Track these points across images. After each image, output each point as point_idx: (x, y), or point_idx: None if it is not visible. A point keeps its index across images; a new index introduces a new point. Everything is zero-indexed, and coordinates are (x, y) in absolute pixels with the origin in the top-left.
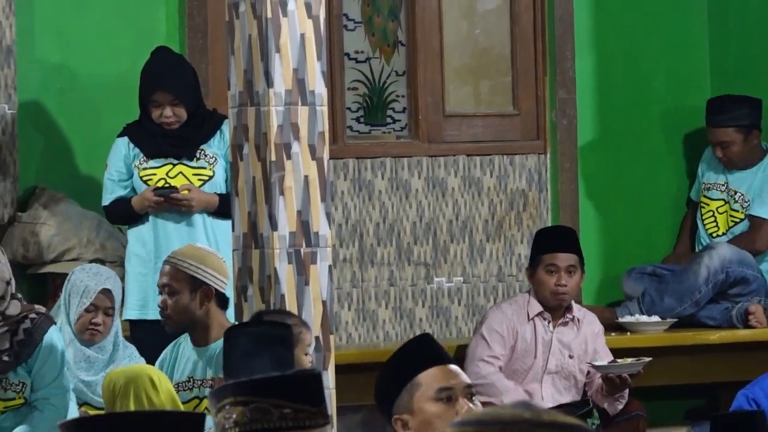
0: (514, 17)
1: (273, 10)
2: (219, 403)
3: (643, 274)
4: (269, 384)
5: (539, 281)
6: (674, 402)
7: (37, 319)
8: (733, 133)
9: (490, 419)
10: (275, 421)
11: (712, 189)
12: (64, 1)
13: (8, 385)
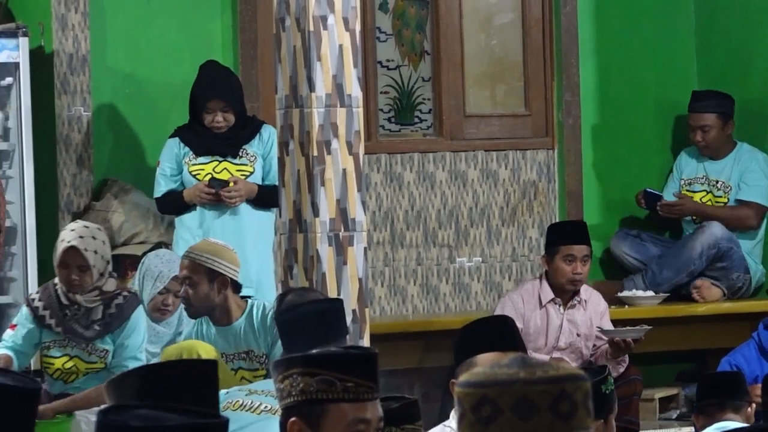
0: (526, 30)
1: (315, 24)
2: (286, 371)
3: (628, 234)
4: (336, 359)
5: (557, 269)
6: (666, 366)
7: (129, 297)
8: (713, 119)
9: (490, 381)
10: (338, 392)
11: (693, 183)
12: (132, 16)
13: (93, 351)
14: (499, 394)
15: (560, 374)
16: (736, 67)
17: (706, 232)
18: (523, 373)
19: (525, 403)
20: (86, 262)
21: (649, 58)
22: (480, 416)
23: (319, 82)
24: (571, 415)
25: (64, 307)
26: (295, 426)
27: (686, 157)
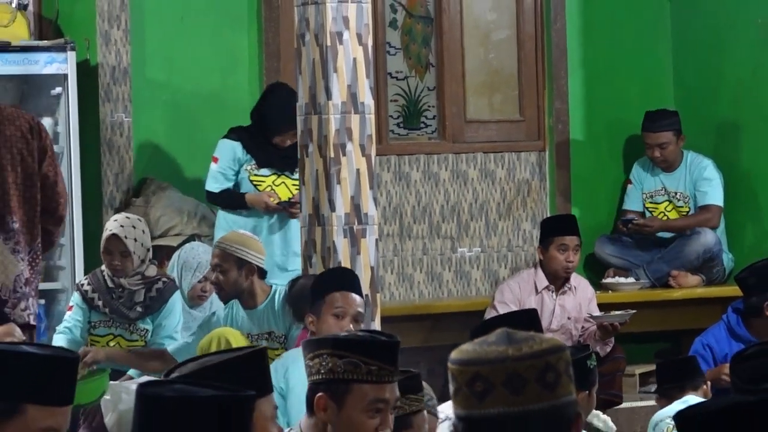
0: (520, 44)
1: (331, 40)
2: (317, 350)
3: (608, 238)
4: (363, 344)
5: (552, 258)
6: (646, 345)
7: (167, 282)
8: (670, 136)
9: (482, 359)
10: (362, 374)
11: (655, 196)
12: (168, 32)
13: (135, 330)
14: (490, 372)
15: (544, 348)
16: (708, 82)
17: (701, 239)
18: (511, 350)
19: (515, 378)
20: (127, 249)
21: (630, 72)
22: (475, 391)
23: (335, 92)
24: (557, 383)
25: (111, 290)
26: (322, 400)
27: (641, 171)
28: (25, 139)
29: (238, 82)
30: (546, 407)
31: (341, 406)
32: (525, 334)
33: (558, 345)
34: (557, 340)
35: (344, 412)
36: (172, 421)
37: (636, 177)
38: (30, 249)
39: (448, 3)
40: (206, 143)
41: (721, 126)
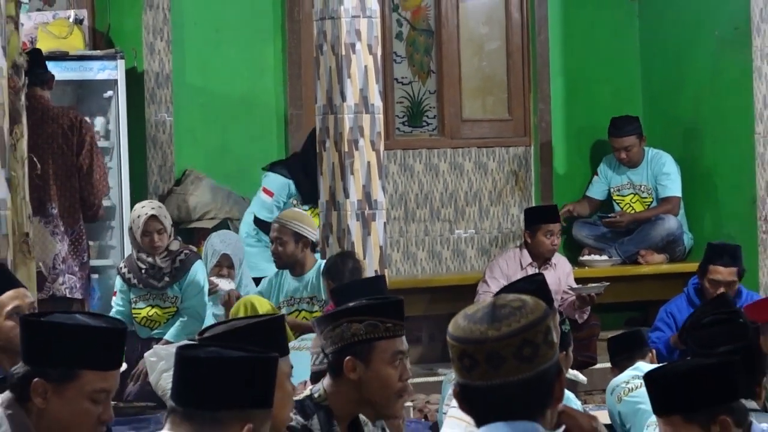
0: (509, 54)
1: (346, 50)
2: (336, 321)
3: (585, 222)
4: (378, 307)
5: (540, 242)
6: (618, 314)
7: (189, 253)
8: (634, 139)
9: (467, 338)
10: (382, 332)
11: (621, 189)
12: (205, 43)
13: (167, 298)
14: (474, 350)
15: (522, 325)
16: (672, 87)
17: (665, 224)
18: (491, 331)
19: (495, 356)
20: (164, 226)
21: (604, 77)
22: (463, 365)
23: (349, 95)
24: (534, 356)
25: (141, 268)
26: (350, 363)
27: (608, 168)
28: (66, 135)
29: (265, 86)
30: (525, 377)
31: (368, 364)
32: (510, 309)
33: (536, 319)
34: (540, 311)
35: (372, 368)
36: (207, 379)
37: (602, 172)
38: (72, 231)
39: (447, 18)
40: (237, 139)
41: (683, 125)
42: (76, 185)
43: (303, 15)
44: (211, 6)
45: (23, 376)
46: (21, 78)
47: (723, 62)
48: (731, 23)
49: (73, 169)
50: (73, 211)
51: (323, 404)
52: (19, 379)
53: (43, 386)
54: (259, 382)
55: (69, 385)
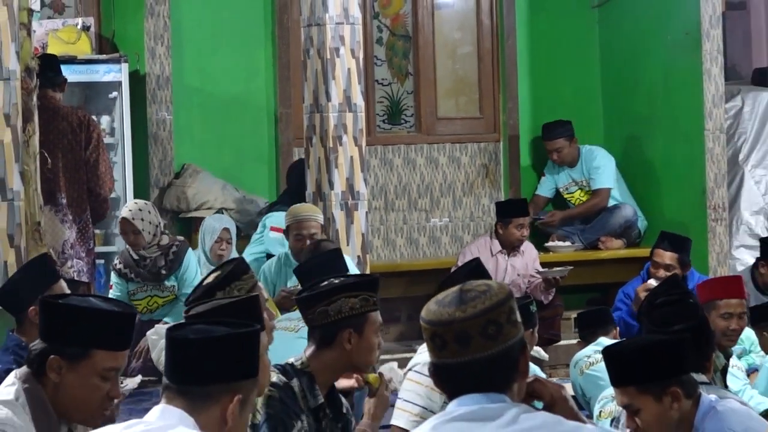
0: (480, 58)
1: (330, 54)
2: (331, 297)
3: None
4: (368, 283)
5: (511, 233)
6: (580, 295)
7: (180, 244)
8: (563, 142)
9: (437, 320)
10: (371, 305)
11: (568, 188)
12: (201, 48)
13: (164, 288)
14: (444, 331)
15: (487, 306)
16: (628, 86)
17: (621, 212)
18: (458, 312)
19: (462, 335)
20: (136, 228)
21: (566, 78)
22: (435, 345)
23: (333, 95)
24: (498, 334)
25: (137, 261)
26: (346, 333)
27: (554, 168)
28: (75, 132)
29: (257, 87)
30: (491, 353)
31: (361, 334)
32: (477, 292)
33: (499, 300)
34: (504, 293)
35: (364, 338)
36: (195, 357)
37: (548, 172)
38: (80, 219)
39: (423, 24)
40: (232, 136)
41: (639, 122)
42: (84, 178)
43: (291, 22)
44: (207, 14)
45: (40, 353)
46: (33, 80)
47: (675, 64)
48: (682, 29)
49: (81, 163)
50: (81, 201)
51: (306, 370)
52: (37, 355)
53: (58, 363)
54: (244, 355)
55: (82, 363)
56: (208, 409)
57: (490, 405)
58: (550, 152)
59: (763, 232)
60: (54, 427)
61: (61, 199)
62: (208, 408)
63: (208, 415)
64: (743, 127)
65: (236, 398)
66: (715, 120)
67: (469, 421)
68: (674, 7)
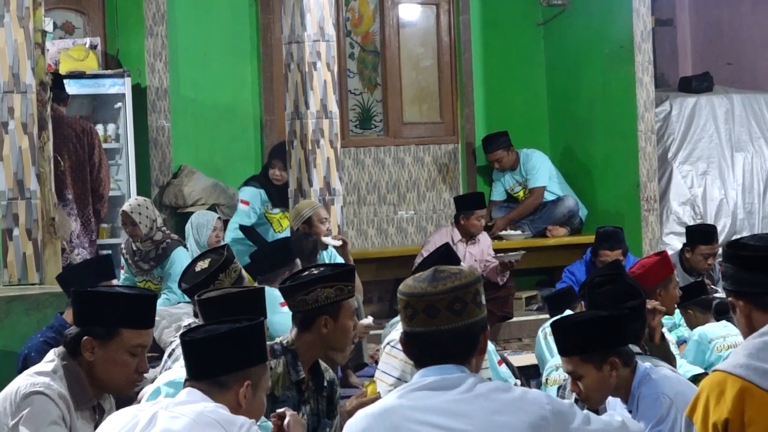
0: (440, 70)
1: (309, 68)
2: (310, 287)
3: (501, 205)
4: (342, 274)
5: (472, 224)
6: (530, 277)
7: (171, 242)
8: (501, 152)
9: (411, 293)
10: (345, 294)
11: (514, 188)
12: (195, 64)
13: (154, 277)
14: (415, 302)
15: (455, 285)
16: (571, 93)
17: (565, 204)
18: (430, 287)
19: (431, 307)
20: (134, 221)
21: (516, 86)
22: (406, 314)
23: (311, 104)
24: (462, 311)
25: (135, 252)
26: (323, 320)
27: (499, 174)
28: (78, 137)
29: (244, 97)
30: (454, 326)
31: (337, 320)
32: (449, 273)
33: (467, 282)
34: (472, 277)
35: (339, 323)
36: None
37: (496, 178)
38: (83, 214)
39: (390, 41)
40: (222, 140)
41: (581, 125)
42: (87, 177)
43: (274, 40)
44: (200, 33)
45: (75, 335)
46: (47, 93)
47: (611, 74)
48: (618, 43)
49: (84, 164)
50: (84, 198)
51: (291, 348)
52: (72, 337)
53: (91, 343)
54: (249, 346)
55: (111, 342)
56: (224, 396)
57: (450, 375)
58: (492, 162)
59: (689, 221)
60: (87, 398)
61: (67, 195)
62: (224, 395)
63: (226, 400)
64: (671, 128)
65: (246, 384)
66: (646, 122)
67: (432, 390)
68: (610, 24)
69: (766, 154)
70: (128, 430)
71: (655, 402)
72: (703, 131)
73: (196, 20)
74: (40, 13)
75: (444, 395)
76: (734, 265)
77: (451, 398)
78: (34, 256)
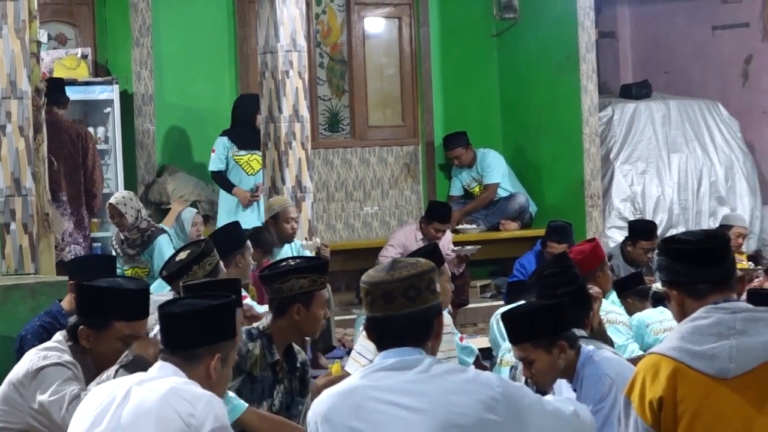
0: (402, 77)
1: (282, 75)
2: (284, 278)
3: (458, 202)
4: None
5: (428, 231)
6: (484, 267)
7: (155, 230)
8: (460, 150)
9: (370, 281)
10: (318, 285)
11: (470, 184)
12: (179, 72)
13: (140, 262)
14: (374, 289)
15: (411, 273)
16: (522, 100)
17: (516, 200)
18: (387, 276)
19: (387, 294)
20: (120, 212)
21: (470, 92)
22: (367, 301)
23: (284, 109)
24: (417, 297)
25: (123, 241)
26: (296, 308)
27: (457, 171)
28: (74, 142)
29: (224, 103)
30: (409, 311)
31: (308, 308)
32: (404, 264)
33: (421, 271)
34: (427, 267)
35: (310, 311)
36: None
37: (454, 175)
38: (77, 213)
39: (356, 51)
40: (203, 142)
41: (531, 128)
42: (81, 179)
43: (250, 50)
44: (182, 44)
45: (74, 325)
46: (41, 99)
47: (559, 82)
48: (564, 53)
49: (78, 167)
50: (78, 198)
51: (266, 332)
52: (71, 327)
53: (87, 332)
54: (221, 322)
55: (105, 331)
56: (196, 367)
57: (408, 357)
58: (451, 159)
59: (630, 216)
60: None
61: (62, 196)
62: (195, 366)
63: (196, 372)
64: (613, 131)
65: (216, 357)
66: (591, 126)
67: (392, 370)
68: (557, 36)
69: (699, 155)
70: (106, 405)
71: (597, 381)
72: (642, 134)
73: (178, 32)
74: (35, 26)
75: (402, 375)
76: (668, 257)
77: (408, 378)
78: (29, 248)
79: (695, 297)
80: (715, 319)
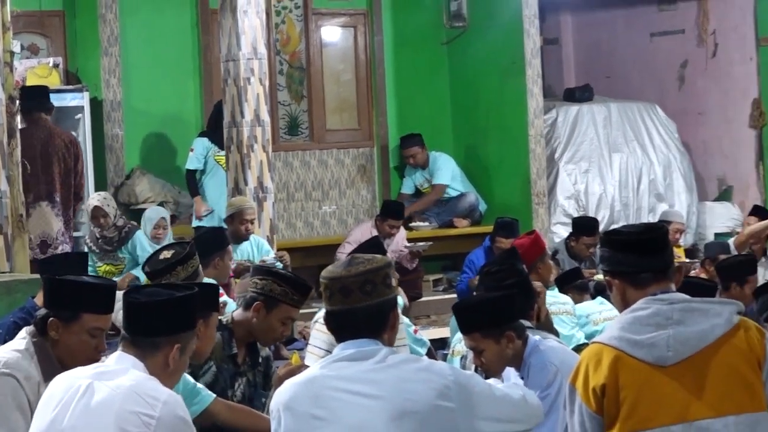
0: (358, 83)
1: (244, 82)
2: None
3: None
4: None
5: (381, 228)
6: (437, 262)
7: (131, 227)
8: (416, 149)
9: (329, 276)
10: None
11: (423, 184)
12: (145, 79)
13: (116, 259)
14: (332, 284)
15: (367, 269)
16: (471, 103)
17: (467, 199)
18: (345, 271)
19: (345, 289)
20: (106, 212)
21: (424, 98)
22: (326, 295)
23: (246, 113)
24: (373, 291)
25: (98, 239)
26: (258, 305)
27: (410, 171)
28: (66, 147)
29: (188, 109)
30: (366, 305)
31: (268, 313)
32: (361, 260)
33: (377, 267)
34: (383, 263)
35: (268, 318)
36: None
37: (407, 174)
38: (66, 213)
39: (314, 58)
40: (169, 146)
41: (480, 130)
42: (71, 183)
43: (213, 58)
44: (149, 53)
45: (44, 317)
46: (15, 106)
47: (506, 86)
48: (511, 59)
49: (71, 171)
50: (68, 200)
51: (228, 326)
52: (41, 318)
53: (56, 324)
54: (183, 313)
55: (74, 323)
56: (154, 356)
57: (365, 348)
58: (407, 158)
59: (574, 213)
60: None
61: (56, 197)
62: (154, 354)
63: (155, 360)
64: (557, 133)
65: (176, 346)
66: (536, 128)
67: (350, 361)
68: (504, 43)
69: (639, 155)
70: (69, 396)
71: (543, 370)
72: (584, 135)
73: (145, 42)
74: (8, 36)
75: (360, 365)
76: (611, 248)
77: (365, 368)
78: (4, 247)
79: (636, 286)
80: (653, 309)
